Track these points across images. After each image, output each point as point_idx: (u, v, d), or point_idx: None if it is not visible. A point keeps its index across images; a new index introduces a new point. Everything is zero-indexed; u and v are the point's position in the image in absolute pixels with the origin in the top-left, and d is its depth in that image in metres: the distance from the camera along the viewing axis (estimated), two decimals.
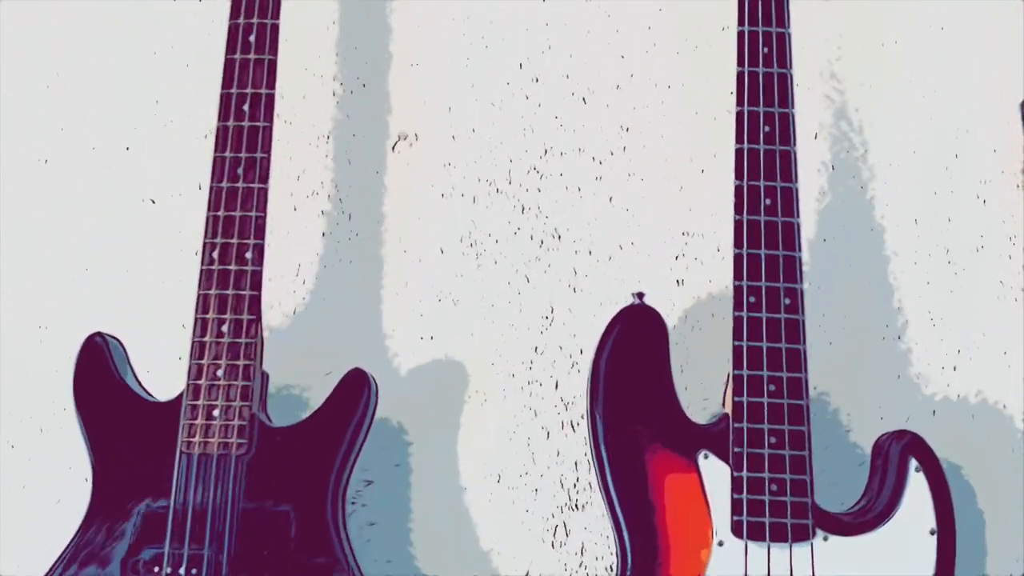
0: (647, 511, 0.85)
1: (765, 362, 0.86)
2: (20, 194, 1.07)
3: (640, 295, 0.90)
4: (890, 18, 1.09)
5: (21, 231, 1.07)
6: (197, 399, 0.86)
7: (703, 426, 0.87)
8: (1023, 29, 1.07)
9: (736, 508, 0.84)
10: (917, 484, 0.86)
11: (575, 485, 1.00)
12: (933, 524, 0.86)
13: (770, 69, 0.93)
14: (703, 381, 0.99)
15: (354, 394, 0.89)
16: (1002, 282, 1.03)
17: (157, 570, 0.84)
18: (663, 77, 1.08)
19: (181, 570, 0.84)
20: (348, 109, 1.08)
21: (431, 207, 1.05)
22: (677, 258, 1.03)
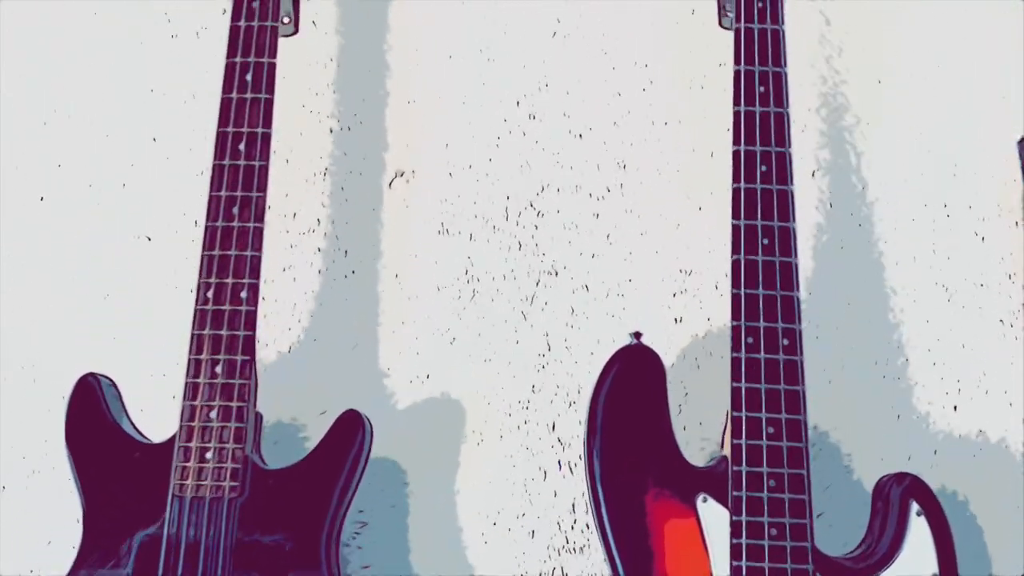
0: (645, 555, 0.84)
1: (764, 404, 0.85)
2: (16, 230, 1.07)
3: (638, 335, 0.90)
4: (887, 52, 1.10)
5: (16, 266, 1.06)
6: (190, 441, 0.85)
7: (702, 469, 0.86)
8: (1022, 72, 1.08)
9: (735, 553, 0.83)
10: (919, 528, 0.85)
11: (572, 527, 0.99)
12: (935, 569, 0.84)
13: (767, 108, 0.92)
14: (702, 420, 0.98)
15: (349, 436, 0.88)
16: (1002, 320, 1.02)
17: None
18: (660, 114, 1.08)
19: None
20: (345, 146, 1.09)
21: (428, 244, 1.05)
22: (675, 295, 1.03)
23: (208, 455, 0.85)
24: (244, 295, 0.89)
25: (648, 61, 1.10)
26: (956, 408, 0.99)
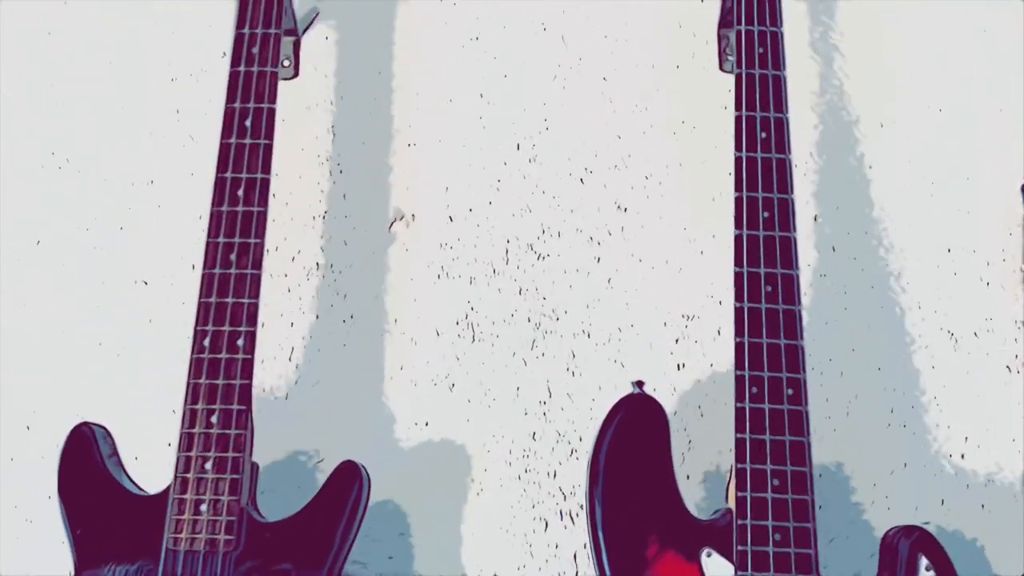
0: None
1: (769, 455, 0.83)
2: (12, 274, 1.06)
3: (640, 384, 0.88)
4: (887, 97, 1.10)
5: (11, 310, 1.05)
6: (184, 493, 0.84)
7: (706, 522, 0.85)
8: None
9: None
10: None
11: None
12: None
13: (768, 154, 0.92)
14: (706, 469, 0.97)
15: (346, 488, 0.86)
16: (1008, 367, 1.01)
17: None
18: (661, 157, 1.08)
19: None
20: (345, 189, 1.08)
21: (427, 288, 1.04)
22: (678, 341, 1.02)
23: (203, 507, 0.83)
24: (241, 343, 0.87)
25: (648, 105, 1.10)
26: (964, 456, 0.98)
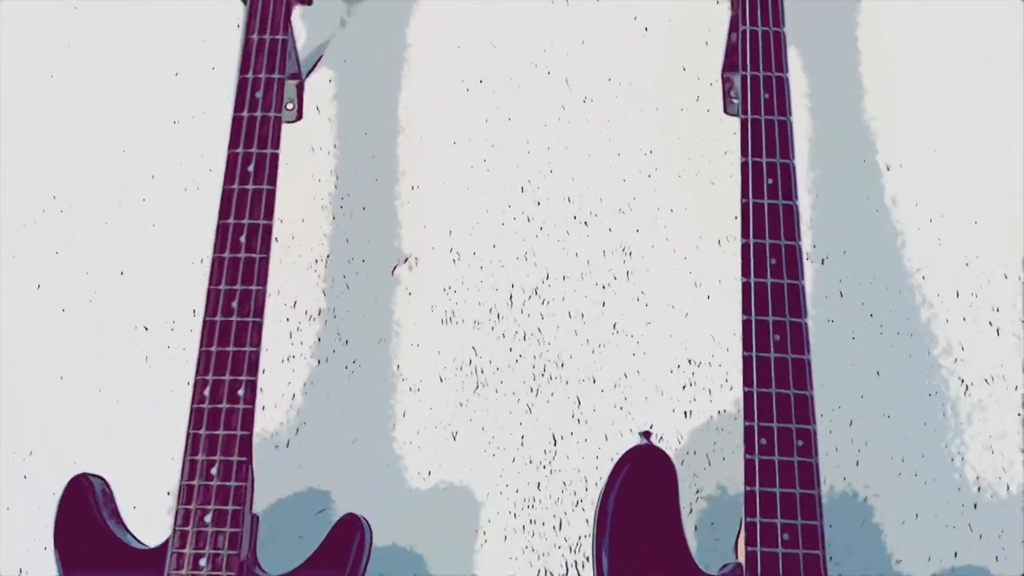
0: None
1: (779, 509, 0.82)
2: (12, 318, 1.05)
3: (647, 434, 0.87)
4: (889, 139, 1.09)
5: (11, 354, 1.04)
6: (183, 547, 0.82)
7: None
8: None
9: None
10: None
11: None
12: None
13: (775, 201, 0.91)
14: (714, 520, 0.95)
15: (347, 541, 0.84)
16: (1020, 414, 1.00)
17: None
18: (666, 201, 1.07)
19: None
20: (348, 232, 1.07)
21: (430, 333, 1.03)
22: (684, 388, 1.00)
23: (202, 562, 0.81)
24: (241, 393, 0.86)
25: (653, 147, 1.10)
26: (976, 506, 0.96)
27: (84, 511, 0.86)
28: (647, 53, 1.14)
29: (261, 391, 0.97)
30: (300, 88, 1.11)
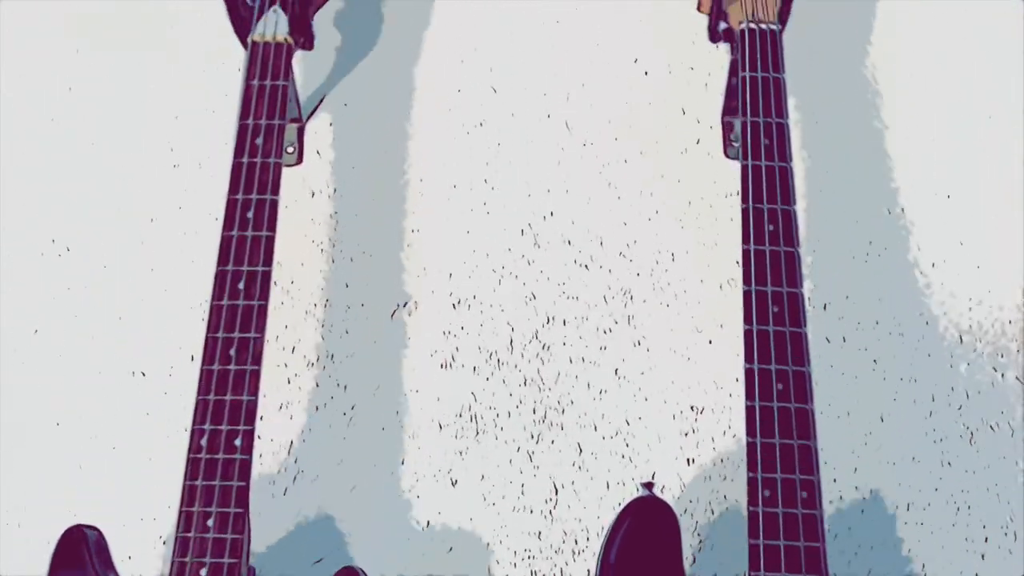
0: None
1: (783, 562, 0.80)
2: (8, 363, 1.04)
3: (649, 485, 0.86)
4: (892, 184, 1.09)
5: (6, 400, 1.02)
6: None
7: None
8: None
9: None
10: None
11: None
12: None
13: (777, 247, 0.91)
14: (716, 572, 0.94)
15: None
16: (1019, 463, 0.99)
17: None
18: (667, 244, 1.07)
19: None
20: (347, 276, 1.07)
21: (429, 379, 1.02)
22: (686, 435, 0.99)
23: None
24: (239, 443, 0.85)
25: (653, 190, 1.09)
26: (984, 556, 0.95)
27: (78, 563, 0.84)
28: (647, 96, 1.14)
29: (259, 438, 0.97)
30: (301, 132, 1.11)
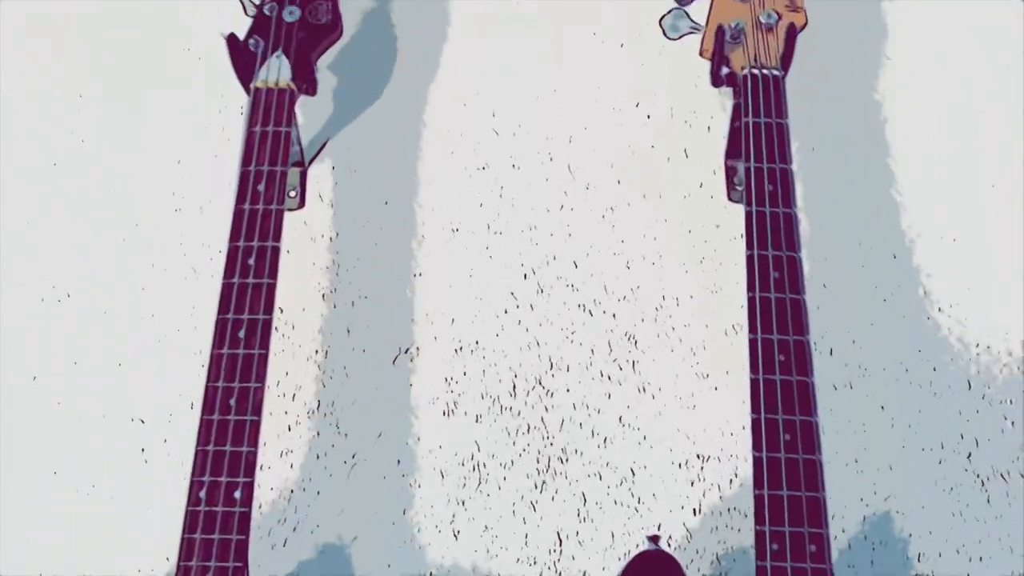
0: None
1: None
2: (6, 412, 1.02)
3: (655, 538, 0.84)
4: (898, 228, 1.09)
5: (3, 449, 1.01)
6: None
7: None
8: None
9: None
10: None
11: None
12: None
13: (782, 295, 0.90)
14: None
15: None
16: None
17: None
18: (670, 289, 1.06)
19: None
20: (348, 321, 1.06)
21: (431, 426, 1.01)
22: (692, 484, 0.98)
23: None
24: (238, 495, 0.84)
25: (657, 234, 1.09)
26: None
27: None
28: (650, 139, 1.14)
29: (258, 487, 0.95)
30: (303, 175, 1.11)
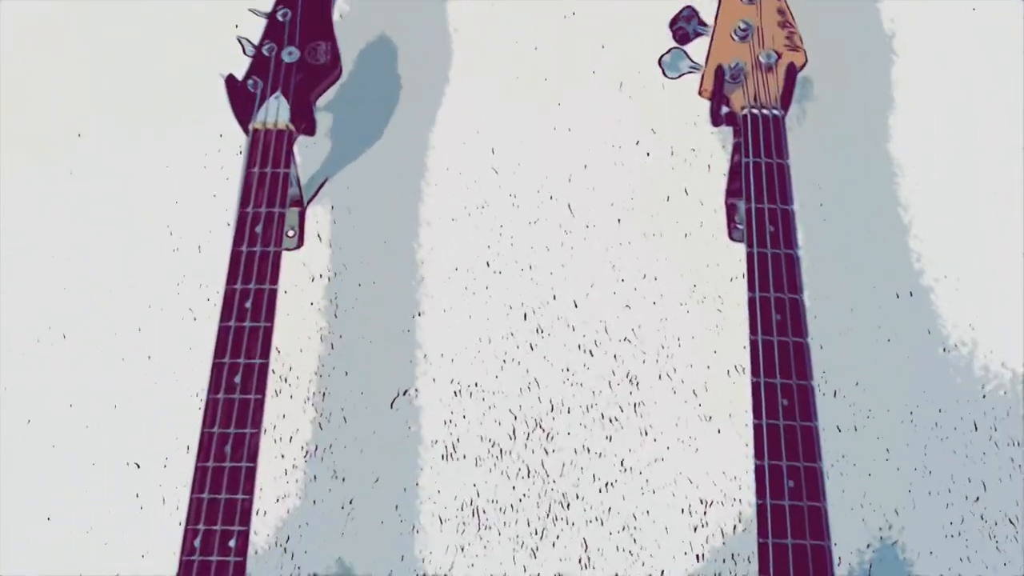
0: None
1: None
2: (1, 457, 1.03)
3: None
4: (901, 267, 1.08)
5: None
6: None
7: None
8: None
9: None
10: None
11: None
12: None
13: (785, 338, 0.89)
14: None
15: None
16: None
17: None
18: (672, 329, 1.05)
19: None
20: (346, 363, 1.05)
21: (430, 470, 0.99)
22: (696, 529, 0.96)
23: None
24: (233, 544, 0.82)
25: (658, 274, 1.08)
26: None
27: None
28: (649, 178, 1.14)
29: (255, 534, 0.94)
30: (302, 215, 1.10)
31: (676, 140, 1.15)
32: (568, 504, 0.98)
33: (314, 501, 0.99)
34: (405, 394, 1.04)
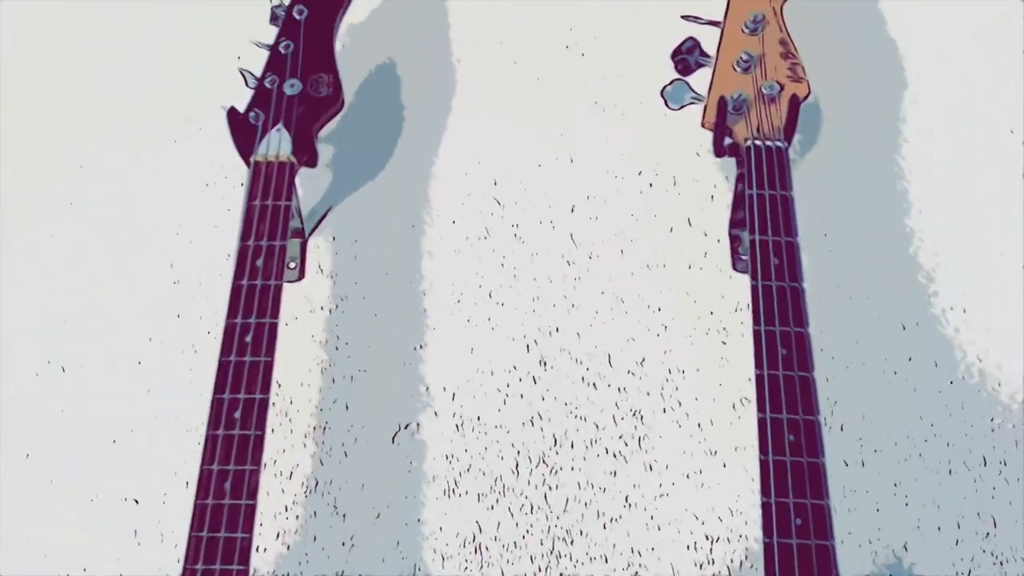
0: None
1: None
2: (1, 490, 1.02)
3: None
4: (906, 298, 1.07)
5: None
6: None
7: None
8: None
9: None
10: None
11: None
12: None
13: (791, 372, 0.88)
14: None
15: None
16: None
17: None
18: (676, 361, 1.04)
19: None
20: (347, 397, 1.04)
21: (432, 506, 0.98)
22: (701, 567, 0.95)
23: None
24: None
25: (661, 305, 1.07)
26: None
27: None
28: (653, 208, 1.13)
29: (254, 572, 0.93)
30: (304, 246, 1.10)
31: (679, 170, 1.14)
32: (572, 540, 0.96)
33: (314, 537, 0.97)
34: (407, 428, 1.02)
